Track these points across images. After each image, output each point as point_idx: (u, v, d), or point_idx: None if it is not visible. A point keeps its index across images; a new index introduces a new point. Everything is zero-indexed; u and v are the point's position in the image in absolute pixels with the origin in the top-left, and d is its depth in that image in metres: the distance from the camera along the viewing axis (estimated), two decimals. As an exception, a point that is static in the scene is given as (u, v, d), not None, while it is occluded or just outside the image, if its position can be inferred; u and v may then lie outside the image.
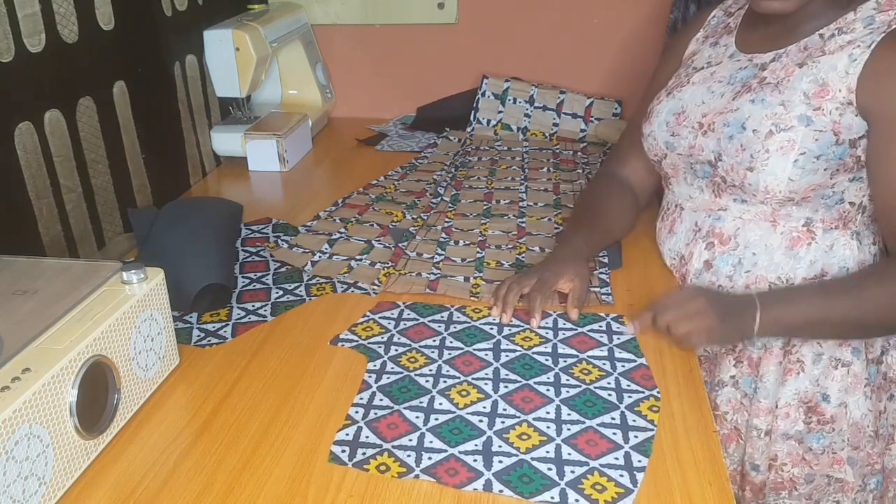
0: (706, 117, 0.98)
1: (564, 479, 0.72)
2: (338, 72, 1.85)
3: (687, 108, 1.01)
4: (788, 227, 0.95)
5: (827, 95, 0.89)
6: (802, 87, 0.90)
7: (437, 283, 1.08)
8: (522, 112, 1.70)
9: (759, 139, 0.91)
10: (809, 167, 0.90)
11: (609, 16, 1.69)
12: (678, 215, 1.06)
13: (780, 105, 0.91)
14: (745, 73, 0.98)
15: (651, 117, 1.06)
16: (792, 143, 0.89)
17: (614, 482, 0.71)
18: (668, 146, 1.03)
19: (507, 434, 0.78)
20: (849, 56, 0.88)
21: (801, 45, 0.93)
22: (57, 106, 1.05)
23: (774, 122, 0.91)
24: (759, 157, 0.91)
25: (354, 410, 0.81)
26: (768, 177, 0.91)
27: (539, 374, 0.87)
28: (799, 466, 1.00)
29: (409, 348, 0.92)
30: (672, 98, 1.04)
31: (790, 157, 0.89)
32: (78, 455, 0.72)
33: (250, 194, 1.44)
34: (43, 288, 0.78)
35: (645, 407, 0.82)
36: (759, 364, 1.00)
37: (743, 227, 0.98)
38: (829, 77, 0.89)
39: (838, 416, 0.98)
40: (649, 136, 1.06)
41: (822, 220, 0.95)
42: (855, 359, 0.97)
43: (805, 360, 0.97)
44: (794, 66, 0.92)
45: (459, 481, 0.72)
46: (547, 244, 1.19)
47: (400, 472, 0.73)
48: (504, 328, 0.96)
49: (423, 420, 0.80)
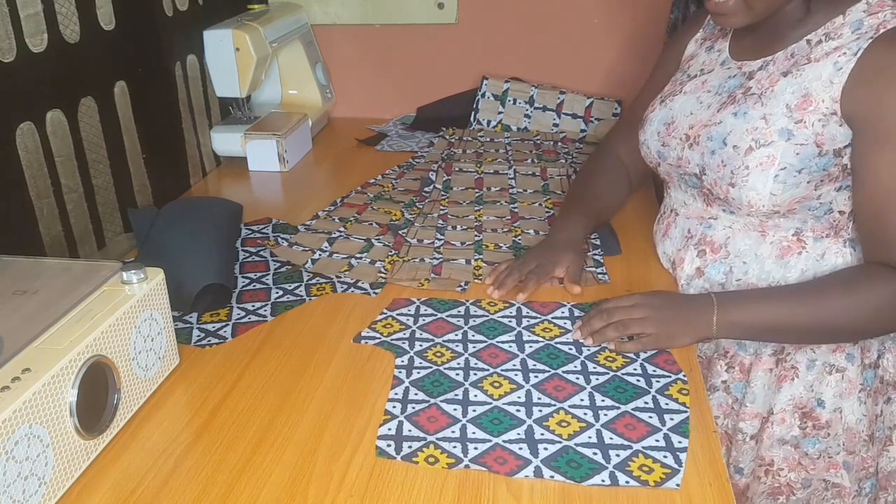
0: (692, 129, 0.98)
1: (612, 463, 0.73)
2: (338, 72, 1.85)
3: (676, 118, 1.01)
4: (778, 236, 0.95)
5: (809, 107, 0.87)
6: (785, 98, 0.89)
7: (440, 267, 1.11)
8: (522, 113, 1.71)
9: (739, 155, 0.90)
10: (791, 181, 0.89)
11: (609, 16, 1.69)
12: (673, 220, 1.06)
13: (762, 119, 0.90)
14: (733, 82, 0.97)
15: (645, 125, 1.07)
16: (772, 158, 0.88)
17: (660, 463, 0.73)
18: (660, 156, 1.03)
19: (546, 422, 0.79)
20: (833, 64, 0.86)
21: (789, 51, 0.92)
22: (58, 106, 1.06)
23: (755, 137, 0.90)
24: (740, 174, 0.90)
25: (392, 406, 0.82)
26: (750, 192, 0.90)
27: (566, 363, 0.89)
28: (795, 471, 1.00)
29: (434, 343, 0.93)
30: (664, 107, 1.04)
31: (770, 173, 0.88)
32: (78, 455, 0.72)
33: (250, 194, 1.44)
34: (43, 288, 0.78)
35: (675, 390, 0.84)
36: (750, 370, 1.00)
37: (733, 236, 0.98)
38: (813, 87, 0.87)
39: (833, 420, 0.98)
40: (643, 144, 1.07)
41: (812, 229, 0.94)
42: (849, 364, 0.97)
43: (799, 367, 0.97)
44: (779, 76, 0.91)
45: (510, 469, 0.73)
46: (541, 227, 1.23)
47: (449, 462, 0.74)
48: (522, 321, 0.97)
49: (462, 412, 0.81)
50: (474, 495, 0.70)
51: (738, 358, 1.00)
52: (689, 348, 0.92)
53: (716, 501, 0.69)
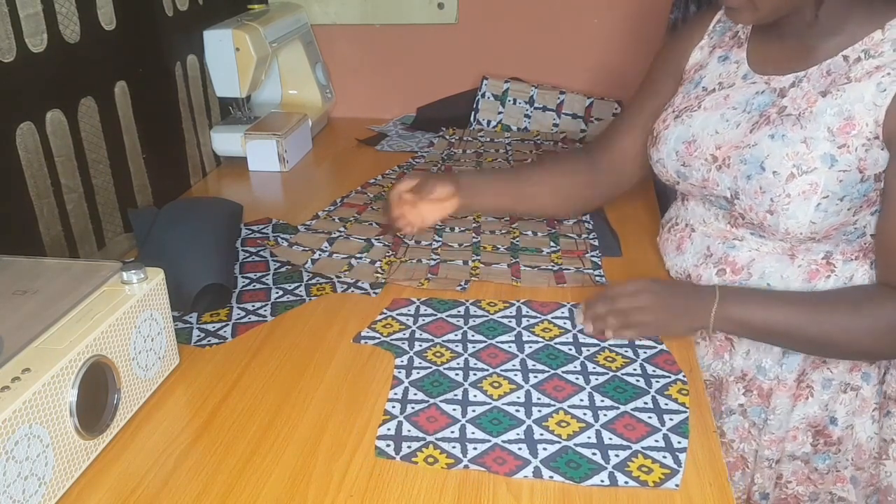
0: (720, 150, 0.92)
1: (611, 463, 0.73)
2: (338, 72, 1.85)
3: (698, 136, 0.95)
4: (807, 259, 0.91)
5: (853, 130, 0.83)
6: (826, 121, 0.84)
7: (437, 267, 1.11)
8: (522, 113, 1.71)
9: (780, 182, 0.86)
10: (833, 209, 0.85)
11: (609, 16, 1.69)
12: (688, 235, 1.01)
13: (802, 143, 0.85)
14: (763, 98, 0.91)
15: (659, 143, 1.00)
16: (815, 186, 0.84)
17: (659, 463, 0.73)
18: (680, 175, 0.98)
19: (545, 422, 0.79)
20: (877, 85, 0.81)
21: (824, 68, 0.86)
22: (58, 106, 1.05)
23: (796, 163, 0.85)
24: (780, 202, 0.86)
25: (391, 406, 0.82)
26: (789, 220, 0.86)
27: (565, 363, 0.89)
28: (804, 485, 1.00)
29: (433, 343, 0.93)
30: (681, 123, 0.97)
31: (812, 202, 0.84)
32: (78, 455, 0.72)
33: (250, 194, 1.44)
34: (43, 288, 0.78)
35: (674, 390, 0.84)
36: (770, 395, 0.97)
37: (759, 258, 0.93)
38: (856, 109, 0.82)
39: (845, 437, 0.97)
40: (658, 162, 1.01)
41: (842, 252, 0.91)
42: (864, 384, 0.95)
43: (814, 386, 0.95)
44: (817, 95, 0.86)
45: (509, 469, 0.73)
46: (539, 228, 1.23)
47: (448, 463, 0.74)
48: (522, 321, 0.97)
49: (461, 412, 0.81)
50: (474, 495, 0.70)
51: (756, 382, 0.98)
52: (689, 348, 0.92)
53: (716, 502, 0.69)
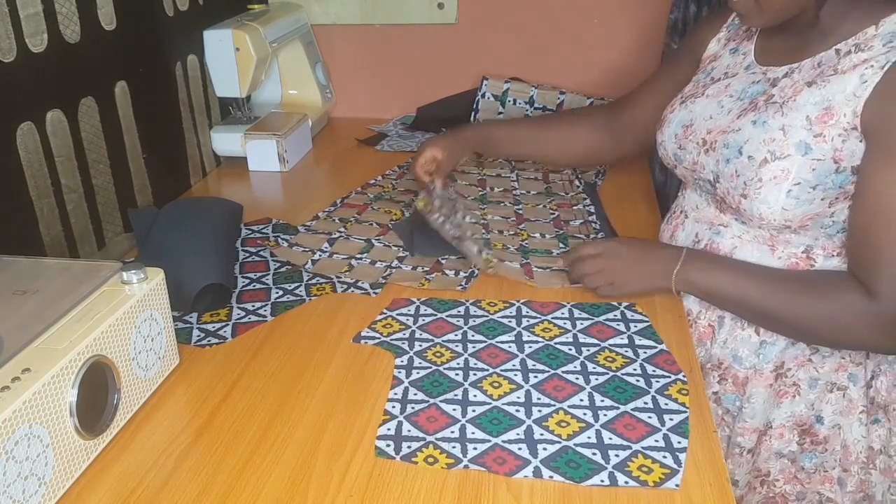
0: (710, 134, 0.96)
1: (611, 463, 0.74)
2: (338, 72, 1.85)
3: (695, 121, 0.99)
4: (787, 252, 0.93)
5: (830, 120, 0.84)
6: (806, 110, 0.86)
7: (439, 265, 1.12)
8: (522, 113, 1.70)
9: (754, 166, 0.88)
10: (805, 197, 0.86)
11: (609, 16, 1.69)
12: (681, 222, 1.05)
13: (780, 130, 0.87)
14: (757, 88, 0.94)
15: (664, 126, 1.04)
16: (786, 172, 0.86)
17: (659, 463, 0.73)
18: (676, 158, 1.02)
19: (545, 422, 0.79)
20: (860, 77, 0.82)
21: (816, 60, 0.88)
22: (59, 106, 1.05)
23: (771, 148, 0.87)
24: (752, 185, 0.88)
25: (391, 406, 0.82)
26: (761, 205, 0.88)
27: (565, 363, 0.89)
28: (791, 484, 1.00)
29: (433, 343, 0.93)
30: (685, 108, 1.01)
31: (783, 188, 0.86)
32: (78, 455, 0.72)
33: (250, 194, 1.44)
34: (43, 288, 0.78)
35: (674, 390, 0.84)
36: (746, 384, 0.99)
37: (741, 246, 0.95)
38: (836, 100, 0.83)
39: (831, 437, 0.97)
40: (661, 144, 1.05)
41: (822, 247, 0.91)
42: (851, 384, 0.95)
43: (801, 384, 0.96)
44: (803, 85, 0.87)
45: (509, 469, 0.73)
46: (546, 230, 1.22)
47: (448, 463, 0.74)
48: (522, 321, 0.97)
49: (461, 412, 0.81)
50: (474, 495, 0.70)
51: (732, 370, 0.99)
52: (689, 348, 0.92)
53: (716, 502, 0.69)
